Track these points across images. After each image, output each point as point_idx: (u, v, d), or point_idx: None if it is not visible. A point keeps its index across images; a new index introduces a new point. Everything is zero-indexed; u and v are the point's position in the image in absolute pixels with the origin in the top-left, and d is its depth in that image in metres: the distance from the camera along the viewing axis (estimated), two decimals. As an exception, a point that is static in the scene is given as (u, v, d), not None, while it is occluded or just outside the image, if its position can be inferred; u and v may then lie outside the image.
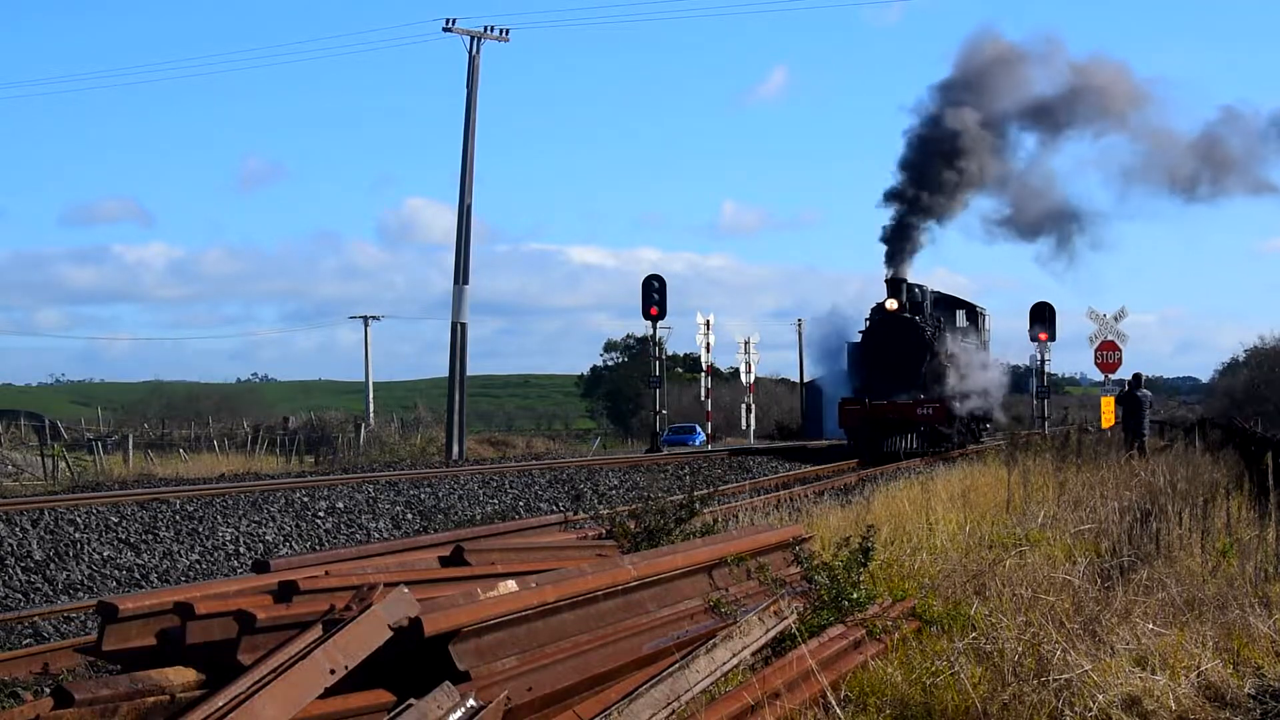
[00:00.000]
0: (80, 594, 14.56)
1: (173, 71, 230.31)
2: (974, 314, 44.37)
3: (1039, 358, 46.64)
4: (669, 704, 6.33)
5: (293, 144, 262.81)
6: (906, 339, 37.31)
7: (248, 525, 18.35)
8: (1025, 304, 45.41)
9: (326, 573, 6.60)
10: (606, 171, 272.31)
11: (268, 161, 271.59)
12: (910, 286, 38.89)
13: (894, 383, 36.56)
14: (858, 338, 38.98)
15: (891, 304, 37.68)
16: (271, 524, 18.73)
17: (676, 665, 6.62)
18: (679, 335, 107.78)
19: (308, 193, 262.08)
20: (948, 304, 42.36)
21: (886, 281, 38.78)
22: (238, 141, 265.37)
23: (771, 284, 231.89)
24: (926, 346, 37.63)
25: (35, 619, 12.66)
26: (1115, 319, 39.06)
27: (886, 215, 41.92)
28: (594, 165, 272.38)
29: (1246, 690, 7.14)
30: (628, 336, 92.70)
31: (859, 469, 31.76)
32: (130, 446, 44.91)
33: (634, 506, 11.09)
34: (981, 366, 43.33)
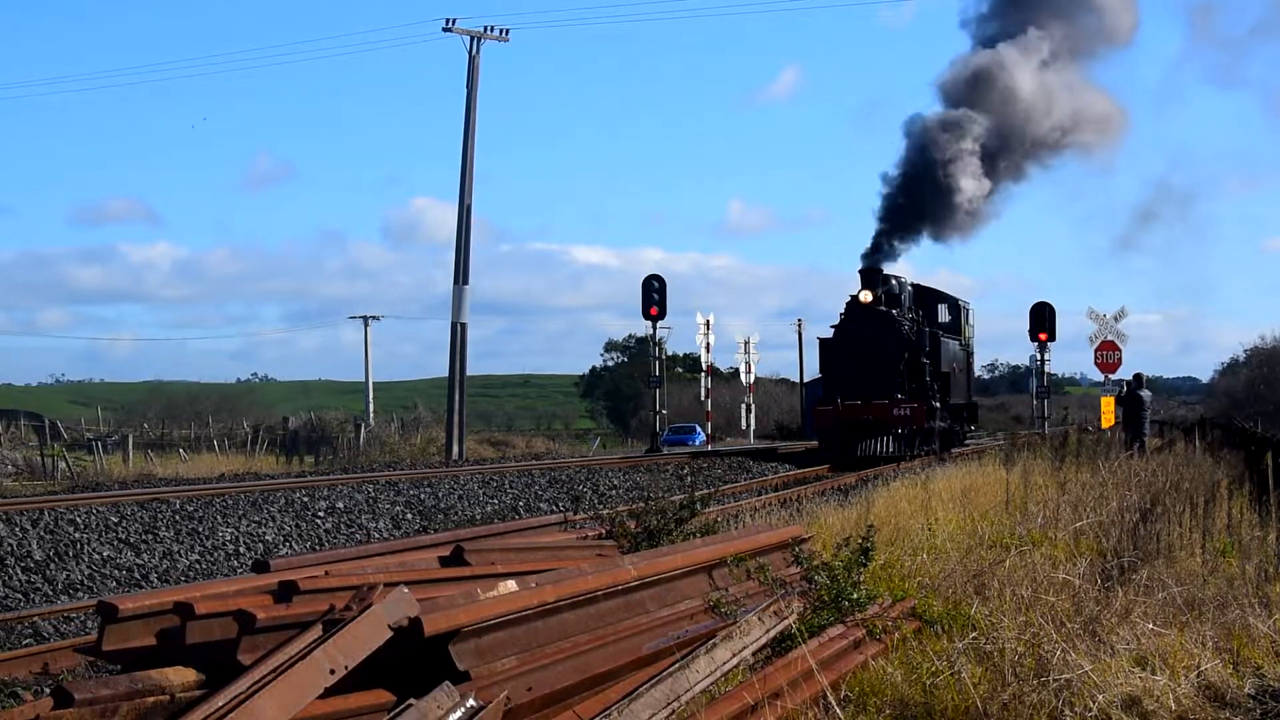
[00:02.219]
0: (80, 594, 14.56)
1: (176, 71, 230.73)
2: (956, 308, 41.10)
3: (1039, 358, 45.44)
4: (669, 704, 6.33)
5: (301, 144, 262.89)
6: (882, 334, 34.40)
7: (248, 525, 18.35)
8: (1026, 304, 43.81)
9: (326, 573, 6.60)
10: (614, 172, 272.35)
11: (276, 161, 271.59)
12: (887, 277, 35.94)
13: (869, 382, 33.88)
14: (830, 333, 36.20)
15: (865, 296, 34.59)
16: (271, 524, 18.73)
17: (676, 665, 6.62)
18: (680, 335, 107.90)
19: (315, 192, 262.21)
20: (928, 297, 39.22)
21: (860, 272, 35.80)
22: (246, 141, 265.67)
23: (775, 284, 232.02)
24: (904, 342, 34.68)
25: (35, 619, 12.67)
26: (1115, 319, 39.09)
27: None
28: (601, 165, 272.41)
29: (1246, 690, 7.14)
30: (628, 336, 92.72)
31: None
32: (130, 446, 44.94)
33: (634, 506, 11.09)
34: (965, 364, 40.76)
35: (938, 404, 35.93)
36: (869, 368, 33.95)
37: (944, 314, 39.77)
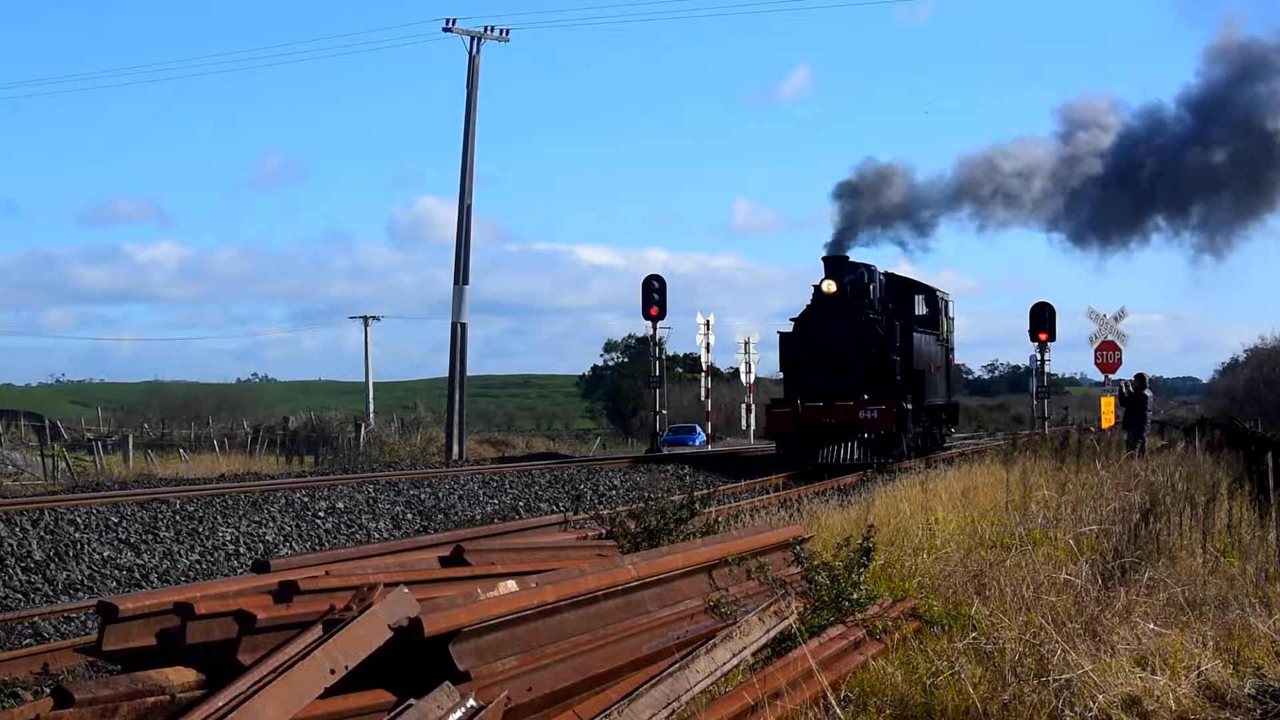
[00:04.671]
0: (80, 594, 14.56)
1: (184, 71, 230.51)
2: (934, 300, 37.14)
3: (1039, 358, 44.97)
4: (669, 704, 6.33)
5: (310, 143, 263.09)
6: (848, 328, 31.10)
7: (248, 525, 18.35)
8: (1027, 304, 42.92)
9: (326, 573, 6.60)
10: (620, 172, 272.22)
11: (285, 160, 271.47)
12: (854, 265, 32.77)
13: (833, 381, 30.70)
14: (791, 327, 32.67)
15: (829, 286, 31.38)
16: (271, 524, 18.73)
17: (676, 665, 6.62)
18: (682, 335, 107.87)
19: (323, 192, 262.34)
20: (902, 288, 35.86)
21: (824, 259, 32.60)
22: (256, 141, 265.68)
23: (781, 284, 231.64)
24: (871, 337, 31.32)
25: (35, 619, 12.67)
26: (1115, 319, 39.08)
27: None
28: (608, 165, 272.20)
29: (1246, 690, 7.13)
30: (628, 336, 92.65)
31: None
32: (130, 447, 44.93)
33: (634, 506, 11.10)
34: (942, 361, 37.62)
35: (909, 405, 32.38)
36: (832, 365, 30.86)
37: (920, 306, 36.53)
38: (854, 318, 31.43)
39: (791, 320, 32.39)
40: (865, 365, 31.08)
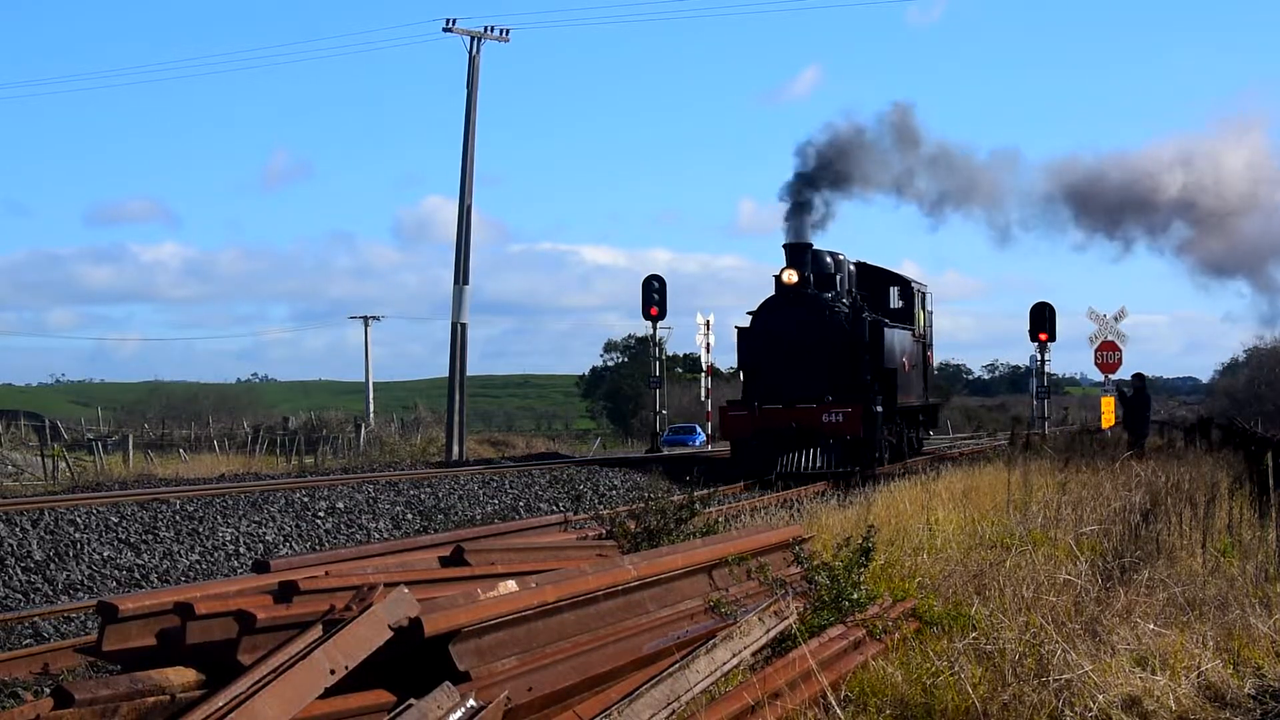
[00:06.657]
0: (80, 594, 14.56)
1: (184, 71, 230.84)
2: (909, 292, 33.85)
3: (1039, 358, 44.76)
4: (669, 704, 6.33)
5: (318, 142, 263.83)
6: (810, 322, 28.41)
7: (248, 525, 18.35)
8: (1029, 303, 42.32)
9: (326, 573, 6.60)
10: (626, 171, 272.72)
11: (293, 159, 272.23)
12: (818, 253, 29.84)
13: (794, 380, 28.09)
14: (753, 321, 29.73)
15: (790, 276, 28.58)
16: (271, 524, 18.73)
17: (677, 665, 6.62)
18: (682, 335, 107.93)
19: (330, 191, 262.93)
20: (875, 278, 32.95)
21: (785, 247, 29.73)
22: (262, 141, 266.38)
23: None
24: (837, 332, 28.53)
25: (35, 619, 12.67)
26: (1115, 319, 39.06)
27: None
28: (614, 165, 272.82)
29: (1246, 690, 7.14)
30: (629, 337, 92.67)
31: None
32: (130, 447, 44.93)
33: (634, 506, 11.09)
34: (919, 359, 34.61)
35: (880, 408, 29.05)
36: (793, 363, 28.25)
37: (895, 299, 33.51)
38: (818, 311, 28.68)
39: (749, 314, 29.64)
40: (830, 363, 28.36)
